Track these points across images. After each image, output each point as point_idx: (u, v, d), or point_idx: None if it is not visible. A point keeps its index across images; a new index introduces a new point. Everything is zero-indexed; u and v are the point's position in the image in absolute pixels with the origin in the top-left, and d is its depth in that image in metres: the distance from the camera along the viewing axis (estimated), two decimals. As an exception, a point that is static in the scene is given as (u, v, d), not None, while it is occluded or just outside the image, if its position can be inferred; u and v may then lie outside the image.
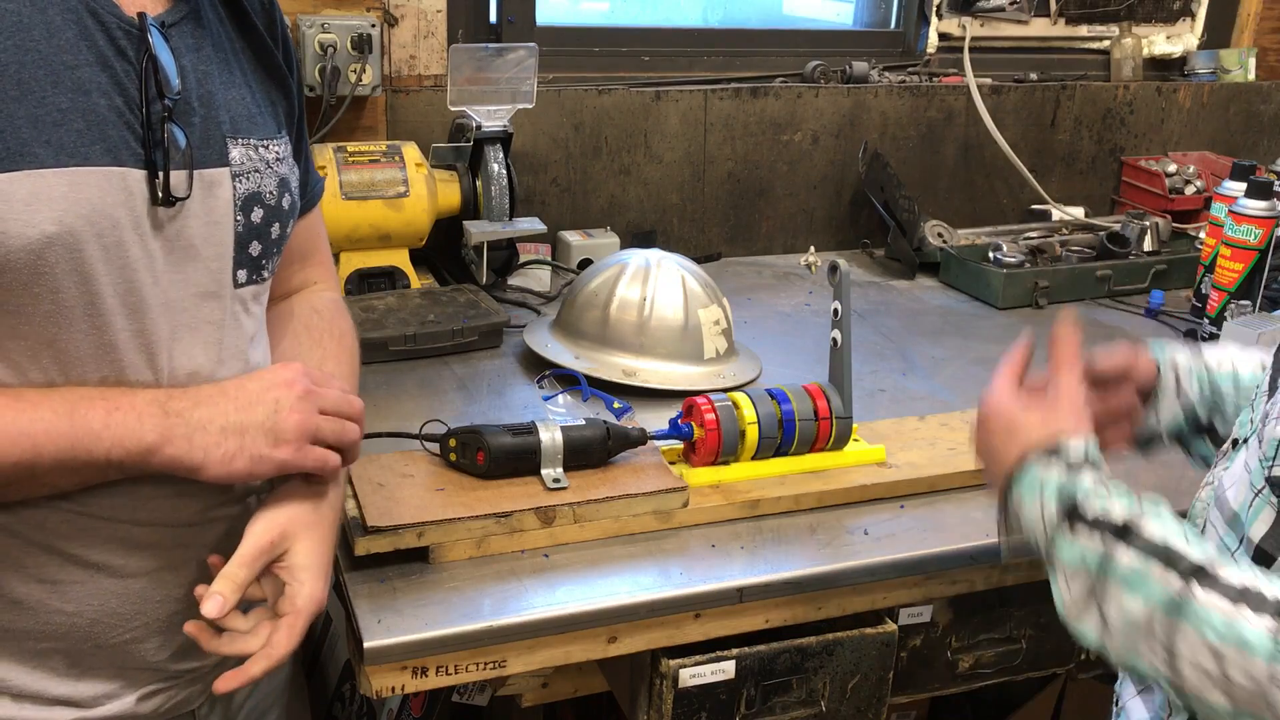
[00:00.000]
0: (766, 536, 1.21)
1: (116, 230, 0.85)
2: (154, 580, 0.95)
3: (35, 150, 0.80)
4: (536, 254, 1.98)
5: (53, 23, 0.82)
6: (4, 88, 0.80)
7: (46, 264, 0.82)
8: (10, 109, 0.80)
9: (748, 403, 1.27)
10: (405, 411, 1.43)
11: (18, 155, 0.80)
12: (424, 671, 1.05)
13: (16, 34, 0.81)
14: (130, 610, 0.94)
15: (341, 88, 1.76)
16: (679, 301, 1.55)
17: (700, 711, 1.16)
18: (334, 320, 1.12)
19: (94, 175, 0.83)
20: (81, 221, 0.82)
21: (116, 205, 0.85)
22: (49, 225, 0.81)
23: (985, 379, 1.04)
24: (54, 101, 0.82)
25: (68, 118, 0.82)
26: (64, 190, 0.81)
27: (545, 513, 1.16)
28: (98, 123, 0.84)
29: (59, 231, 0.81)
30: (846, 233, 2.29)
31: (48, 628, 0.92)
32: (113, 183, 0.84)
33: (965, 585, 1.25)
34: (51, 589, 0.91)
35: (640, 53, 2.16)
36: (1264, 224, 1.78)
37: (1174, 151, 2.50)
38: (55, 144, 0.81)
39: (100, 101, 0.84)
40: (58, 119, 0.82)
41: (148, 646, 0.96)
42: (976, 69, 2.27)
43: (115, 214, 0.85)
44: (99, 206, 0.83)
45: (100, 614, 0.93)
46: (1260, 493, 0.87)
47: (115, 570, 0.92)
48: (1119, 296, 2.05)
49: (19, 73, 0.80)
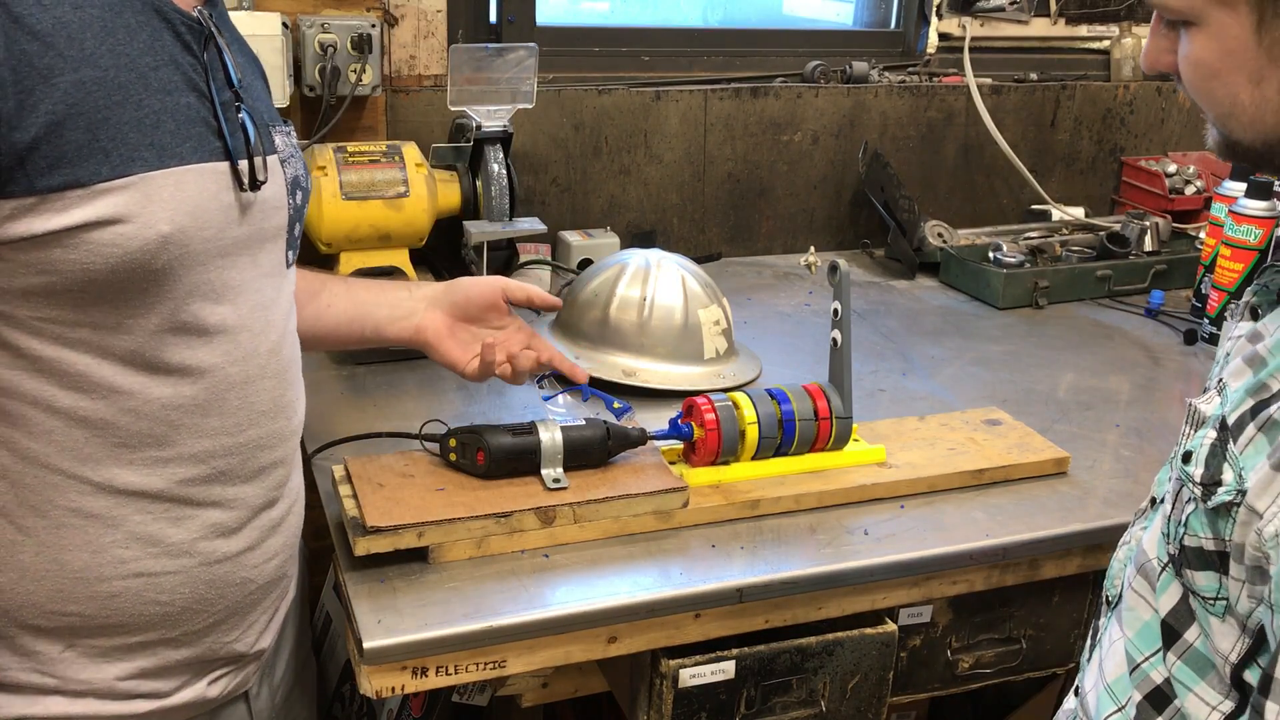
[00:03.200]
0: (766, 536, 1.21)
1: (214, 223, 0.90)
2: (235, 563, 0.99)
3: (143, 154, 0.84)
4: (536, 254, 1.98)
5: (130, 25, 0.85)
6: (109, 94, 0.82)
7: (161, 261, 0.86)
8: (116, 115, 0.83)
9: (748, 403, 1.27)
10: (405, 411, 1.43)
11: (129, 160, 0.83)
12: (424, 671, 1.05)
13: (107, 39, 0.83)
14: (214, 595, 0.98)
15: (341, 88, 1.76)
16: (679, 301, 1.55)
17: (700, 711, 1.16)
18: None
19: (190, 173, 0.87)
20: (188, 219, 0.87)
21: (211, 198, 0.89)
22: (164, 225, 0.85)
23: (985, 379, 1.04)
24: (148, 104, 0.85)
25: (161, 119, 0.86)
26: (171, 190, 0.85)
27: (545, 513, 1.16)
28: (185, 121, 0.88)
29: (172, 231, 0.86)
30: (846, 233, 2.29)
31: (140, 620, 0.94)
32: (206, 178, 0.89)
33: (965, 585, 1.25)
34: (148, 581, 0.94)
35: (640, 53, 2.16)
36: (1264, 224, 1.78)
37: (1174, 151, 2.50)
38: (157, 146, 0.85)
39: (181, 100, 0.88)
40: (153, 121, 0.85)
41: (224, 629, 1.00)
42: (976, 69, 2.27)
43: (211, 206, 0.89)
44: (199, 202, 0.88)
45: (190, 601, 0.96)
46: (1166, 567, 0.86)
47: (205, 556, 0.96)
48: (1119, 296, 2.05)
49: (116, 77, 0.83)
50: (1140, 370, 1.73)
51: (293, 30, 1.73)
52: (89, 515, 0.91)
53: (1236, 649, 0.78)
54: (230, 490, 0.97)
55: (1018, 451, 1.37)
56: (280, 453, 1.02)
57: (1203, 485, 0.79)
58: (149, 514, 0.93)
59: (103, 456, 0.90)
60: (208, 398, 0.93)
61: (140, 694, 0.97)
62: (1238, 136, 0.80)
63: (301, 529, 1.12)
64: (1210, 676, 0.81)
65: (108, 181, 0.82)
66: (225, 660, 1.03)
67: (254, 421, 0.98)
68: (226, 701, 1.06)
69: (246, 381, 0.96)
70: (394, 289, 1.32)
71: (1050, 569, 1.29)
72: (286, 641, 1.17)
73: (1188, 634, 0.83)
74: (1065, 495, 1.33)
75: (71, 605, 0.92)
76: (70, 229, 0.81)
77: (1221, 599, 0.79)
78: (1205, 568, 0.80)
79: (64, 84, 0.80)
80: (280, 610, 1.09)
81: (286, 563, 1.07)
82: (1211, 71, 0.78)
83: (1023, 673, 1.36)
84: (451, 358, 1.28)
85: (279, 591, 1.07)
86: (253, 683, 1.09)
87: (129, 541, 0.92)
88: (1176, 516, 0.83)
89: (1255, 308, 0.85)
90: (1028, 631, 1.34)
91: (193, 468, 0.94)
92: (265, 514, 1.01)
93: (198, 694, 1.01)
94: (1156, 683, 0.86)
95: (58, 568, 0.91)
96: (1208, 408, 0.83)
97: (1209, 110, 0.81)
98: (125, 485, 0.91)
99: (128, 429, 0.90)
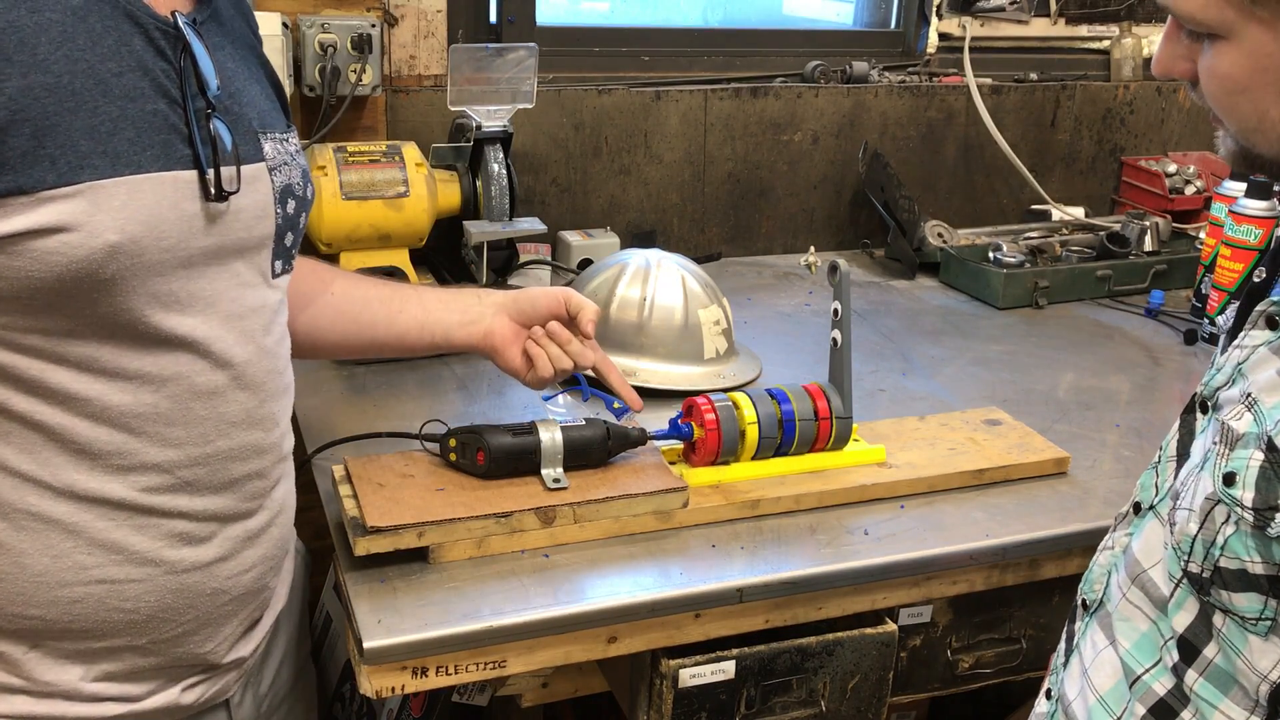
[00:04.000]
0: (766, 536, 1.21)
1: (173, 233, 0.87)
2: (206, 573, 0.97)
3: (94, 161, 0.82)
4: (536, 254, 1.98)
5: (94, 30, 0.83)
6: (60, 100, 0.80)
7: (110, 271, 0.84)
8: (68, 122, 0.81)
9: (748, 403, 1.27)
10: (405, 411, 1.43)
11: (78, 168, 0.81)
12: (424, 671, 1.05)
13: (64, 45, 0.81)
14: (183, 604, 0.96)
15: (341, 88, 1.76)
16: (679, 301, 1.55)
17: (700, 711, 1.16)
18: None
19: (148, 182, 0.85)
20: (141, 228, 0.85)
21: (171, 208, 0.87)
22: (112, 234, 0.83)
23: (985, 379, 1.04)
24: (105, 111, 0.83)
25: (119, 126, 0.84)
26: (123, 199, 0.83)
27: (545, 513, 1.16)
28: (146, 129, 0.85)
29: (122, 240, 0.83)
30: (846, 233, 2.29)
31: (105, 626, 0.93)
32: (166, 186, 0.86)
33: (965, 585, 1.25)
34: (111, 588, 0.92)
35: (640, 53, 2.16)
36: (1264, 224, 1.78)
37: (1174, 151, 2.50)
38: (111, 154, 0.83)
39: (146, 107, 0.86)
40: (110, 128, 0.83)
41: (195, 639, 0.98)
42: (976, 69, 2.27)
43: (170, 216, 0.87)
44: (156, 211, 0.85)
45: (156, 609, 0.94)
46: (1180, 584, 0.84)
47: (171, 565, 0.94)
48: (1119, 296, 2.05)
49: (71, 84, 0.81)
50: (1140, 370, 1.73)
51: (293, 30, 1.73)
52: (49, 520, 0.89)
53: (1279, 668, 0.78)
54: (199, 501, 0.95)
55: (1018, 451, 1.37)
56: (257, 465, 0.99)
57: (1255, 510, 0.76)
58: (111, 520, 0.90)
59: (62, 462, 0.88)
60: (171, 406, 0.91)
61: (109, 697, 0.95)
62: (1261, 151, 0.78)
63: (292, 540, 1.10)
64: (1234, 693, 0.81)
65: (53, 189, 0.80)
66: (199, 668, 1.01)
67: (224, 433, 0.95)
68: (205, 709, 1.03)
69: (215, 392, 0.93)
70: (464, 295, 1.31)
71: (1050, 569, 1.29)
72: (276, 649, 1.15)
73: (1207, 650, 0.82)
74: (1065, 495, 1.33)
75: (33, 609, 0.90)
76: (13, 236, 0.79)
77: (1265, 619, 0.77)
78: (1248, 589, 0.78)
79: (10, 89, 0.78)
80: (263, 620, 1.07)
81: (266, 574, 1.04)
82: (1240, 87, 0.77)
83: (1023, 673, 1.36)
84: (515, 365, 1.28)
85: (258, 603, 1.05)
86: (234, 690, 1.07)
87: (90, 548, 0.90)
88: (1207, 537, 0.80)
89: (1273, 317, 0.81)
90: (1028, 631, 1.34)
91: (156, 476, 0.92)
92: (239, 525, 0.99)
93: (170, 700, 0.99)
94: (1160, 694, 0.85)
95: (18, 570, 0.89)
96: (1240, 424, 0.79)
97: (1231, 124, 0.79)
98: (85, 491, 0.89)
99: (86, 435, 0.88)
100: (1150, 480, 0.94)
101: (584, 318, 1.27)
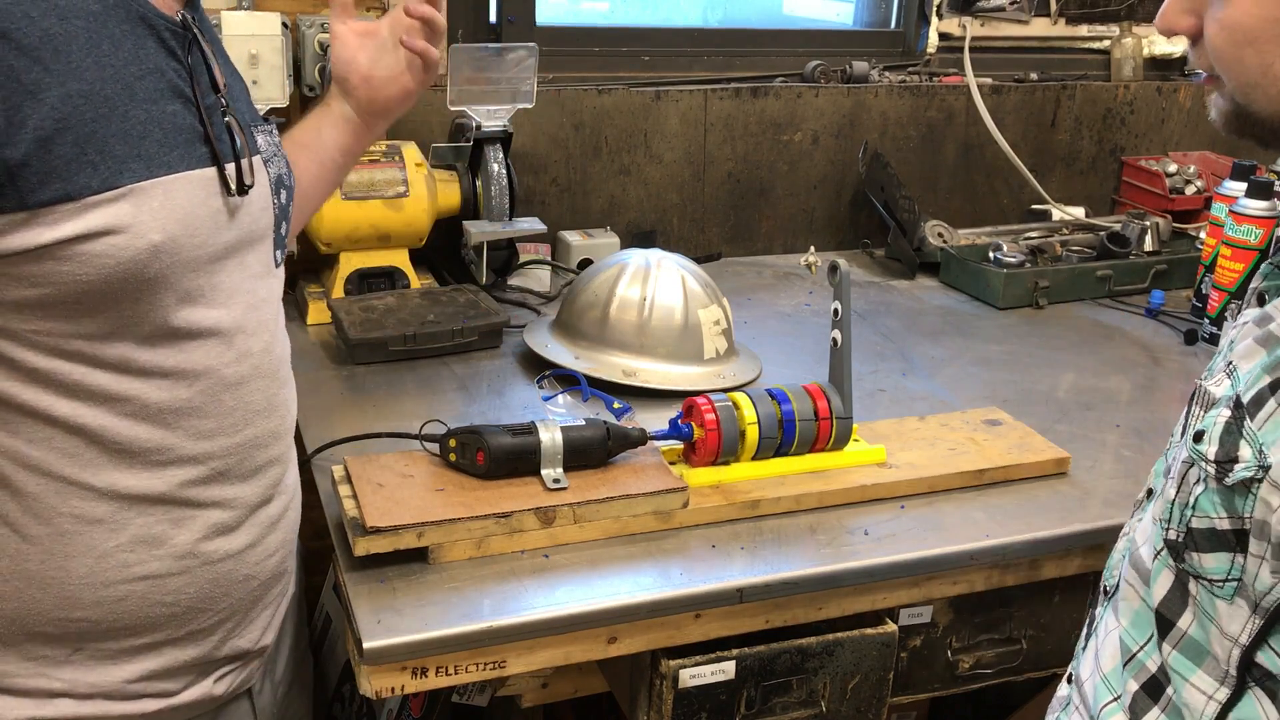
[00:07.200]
0: (766, 537, 1.21)
1: (203, 229, 0.90)
2: (238, 560, 1.00)
3: (131, 165, 0.84)
4: (536, 254, 1.98)
5: (114, 35, 0.85)
6: (95, 107, 0.82)
7: (153, 270, 0.86)
8: (104, 128, 0.83)
9: (748, 403, 1.27)
10: (405, 411, 1.43)
11: (118, 172, 0.83)
12: (424, 672, 1.05)
13: (92, 51, 0.83)
14: (219, 593, 0.99)
15: (341, 88, 1.76)
16: (679, 301, 1.55)
17: (700, 712, 1.16)
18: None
19: (179, 181, 0.88)
20: (179, 226, 0.87)
21: (200, 205, 0.89)
22: (155, 235, 0.85)
23: (985, 379, 1.04)
24: (134, 115, 0.85)
25: (148, 129, 0.86)
26: (160, 200, 0.86)
27: (545, 513, 1.16)
28: (170, 129, 0.88)
29: (163, 240, 0.86)
30: (846, 233, 2.29)
31: (147, 622, 0.95)
32: (194, 185, 0.89)
33: (965, 586, 1.25)
34: (153, 584, 0.94)
35: (640, 53, 2.15)
36: (1264, 224, 1.78)
37: (1174, 151, 2.50)
38: (144, 156, 0.85)
39: (166, 108, 0.88)
40: (140, 132, 0.85)
41: (228, 626, 1.01)
42: (977, 69, 2.27)
43: (200, 213, 0.89)
44: (189, 209, 0.88)
45: (195, 600, 0.97)
46: (1159, 554, 0.85)
47: (208, 556, 0.97)
48: (1119, 296, 2.05)
49: (103, 90, 0.83)
50: (1140, 370, 1.73)
51: (292, 30, 1.72)
52: (92, 521, 0.91)
53: (1248, 629, 0.78)
54: (230, 490, 0.98)
55: (1018, 452, 1.37)
56: (275, 450, 1.03)
57: (1217, 463, 0.78)
58: (151, 517, 0.93)
59: (103, 462, 0.90)
60: (204, 400, 0.94)
61: (148, 694, 0.98)
62: (1258, 108, 0.78)
63: (299, 525, 1.12)
64: (1206, 664, 0.81)
65: (97, 194, 0.82)
66: (231, 658, 1.03)
67: (249, 421, 0.98)
68: (231, 699, 1.06)
69: (241, 382, 0.97)
70: (311, 117, 1.27)
71: (1050, 569, 1.29)
72: (286, 638, 1.18)
73: (1180, 622, 0.83)
74: (1065, 495, 1.33)
75: (78, 611, 0.92)
76: (62, 242, 0.82)
77: (1232, 580, 0.78)
78: (1216, 549, 0.79)
79: (51, 99, 0.80)
80: (282, 606, 1.10)
81: (286, 558, 1.08)
82: (1249, 37, 0.76)
83: (1023, 673, 1.36)
84: (382, 85, 1.22)
85: (280, 587, 1.08)
86: (256, 679, 1.10)
87: (133, 545, 0.93)
88: (1182, 499, 0.82)
89: (1263, 293, 0.84)
90: (1028, 632, 1.34)
91: (192, 469, 0.94)
92: (263, 511, 1.02)
93: (204, 692, 1.02)
94: (1152, 671, 0.86)
95: (64, 574, 0.91)
96: (1218, 389, 0.82)
97: (1232, 78, 0.79)
98: (127, 490, 0.91)
99: (126, 434, 0.90)
100: (1160, 466, 0.96)
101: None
